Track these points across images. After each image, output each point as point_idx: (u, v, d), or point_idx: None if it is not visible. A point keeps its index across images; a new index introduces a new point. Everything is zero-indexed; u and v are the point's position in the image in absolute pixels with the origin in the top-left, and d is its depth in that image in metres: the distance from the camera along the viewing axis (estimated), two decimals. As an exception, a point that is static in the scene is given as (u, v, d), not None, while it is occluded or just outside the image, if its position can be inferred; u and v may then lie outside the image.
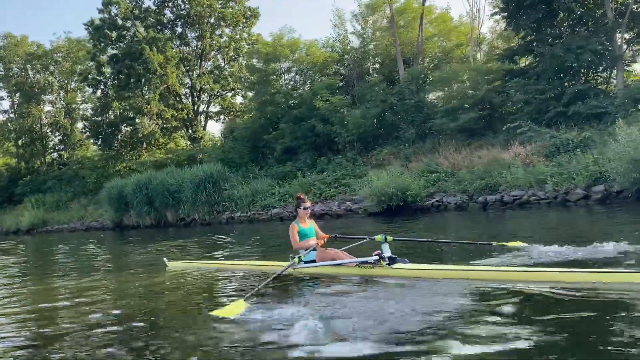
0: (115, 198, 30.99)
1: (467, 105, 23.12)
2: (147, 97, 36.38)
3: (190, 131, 39.86)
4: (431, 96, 26.93)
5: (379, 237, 7.03)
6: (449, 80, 23.85)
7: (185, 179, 27.64)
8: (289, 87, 32.18)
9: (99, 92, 42.68)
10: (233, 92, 41.29)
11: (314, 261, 7.52)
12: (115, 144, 40.55)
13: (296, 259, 7.27)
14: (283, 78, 32.68)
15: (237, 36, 40.47)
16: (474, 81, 23.14)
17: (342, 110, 26.32)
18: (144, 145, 41.69)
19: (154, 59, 34.86)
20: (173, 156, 38.09)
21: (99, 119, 40.33)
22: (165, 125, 38.56)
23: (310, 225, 7.97)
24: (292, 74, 32.55)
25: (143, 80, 36.42)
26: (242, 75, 38.05)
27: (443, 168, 21.28)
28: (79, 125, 53.91)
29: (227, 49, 39.73)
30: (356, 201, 21.77)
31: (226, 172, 27.84)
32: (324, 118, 27.11)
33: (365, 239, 7.40)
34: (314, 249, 7.63)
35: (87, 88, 52.66)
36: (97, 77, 41.43)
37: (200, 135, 39.82)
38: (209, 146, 39.51)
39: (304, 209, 7.89)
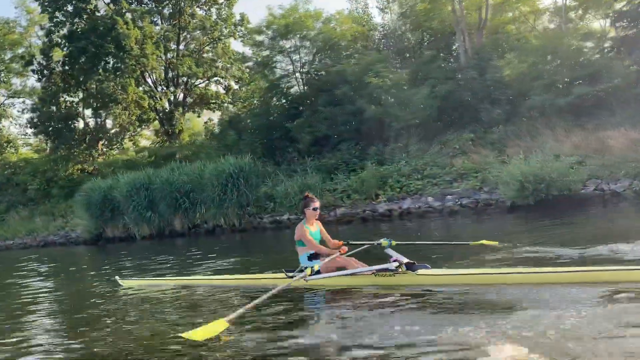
0: (97, 204, 24.54)
1: (554, 84, 19.53)
2: (120, 81, 29.72)
3: (166, 125, 33.46)
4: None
5: (384, 242, 6.95)
6: (550, 48, 19.98)
7: (206, 175, 21.96)
8: (313, 66, 27.13)
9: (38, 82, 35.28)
10: (215, 79, 35.17)
11: (318, 272, 6.50)
12: (72, 142, 33.44)
13: (308, 270, 6.31)
14: (298, 56, 27.58)
15: (214, 17, 34.74)
16: (579, 51, 19.52)
17: (405, 88, 21.75)
18: (101, 142, 34.94)
19: (131, 34, 28.46)
20: (148, 155, 31.83)
21: (51, 109, 32.97)
22: (142, 117, 31.99)
23: (317, 228, 7.15)
24: (307, 52, 27.49)
25: (113, 61, 29.86)
26: (235, 56, 32.39)
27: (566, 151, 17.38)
28: (6, 122, 46.00)
29: (212, 28, 33.63)
30: (462, 194, 17.36)
31: (259, 165, 22.47)
32: (374, 99, 22.49)
33: (371, 244, 7.22)
34: (317, 257, 6.80)
35: (13, 81, 45.05)
36: (43, 62, 34.21)
37: (179, 129, 33.52)
38: (186, 142, 33.53)
39: (314, 209, 7.07)
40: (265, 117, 27.73)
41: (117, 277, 9.12)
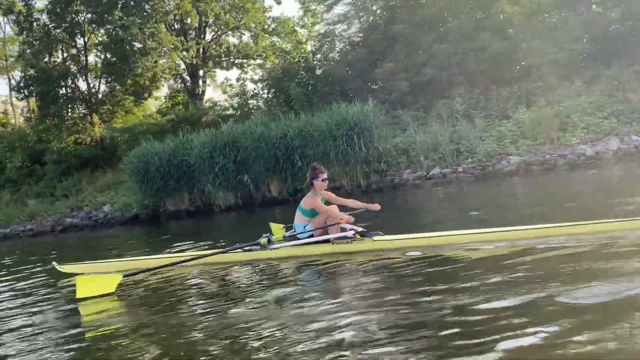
0: (159, 171, 19.74)
1: None
2: (149, 28, 24.14)
3: (189, 84, 28.25)
4: None
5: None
6: None
7: (319, 126, 17.77)
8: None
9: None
10: (243, 30, 29.87)
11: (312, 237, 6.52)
12: (67, 107, 27.64)
13: (264, 240, 6.31)
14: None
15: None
16: None
17: (546, 16, 18.55)
18: (106, 106, 29.27)
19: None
20: (169, 119, 26.64)
21: (43, 67, 26.90)
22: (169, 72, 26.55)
23: (323, 199, 6.81)
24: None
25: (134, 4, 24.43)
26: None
27: None
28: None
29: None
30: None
31: (381, 113, 18.54)
32: (502, 32, 19.20)
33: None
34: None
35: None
36: (24, 11, 27.99)
37: (202, 90, 28.43)
38: (207, 105, 28.46)
39: (322, 180, 6.66)
40: (329, 65, 24.03)
41: (54, 263, 7.61)
